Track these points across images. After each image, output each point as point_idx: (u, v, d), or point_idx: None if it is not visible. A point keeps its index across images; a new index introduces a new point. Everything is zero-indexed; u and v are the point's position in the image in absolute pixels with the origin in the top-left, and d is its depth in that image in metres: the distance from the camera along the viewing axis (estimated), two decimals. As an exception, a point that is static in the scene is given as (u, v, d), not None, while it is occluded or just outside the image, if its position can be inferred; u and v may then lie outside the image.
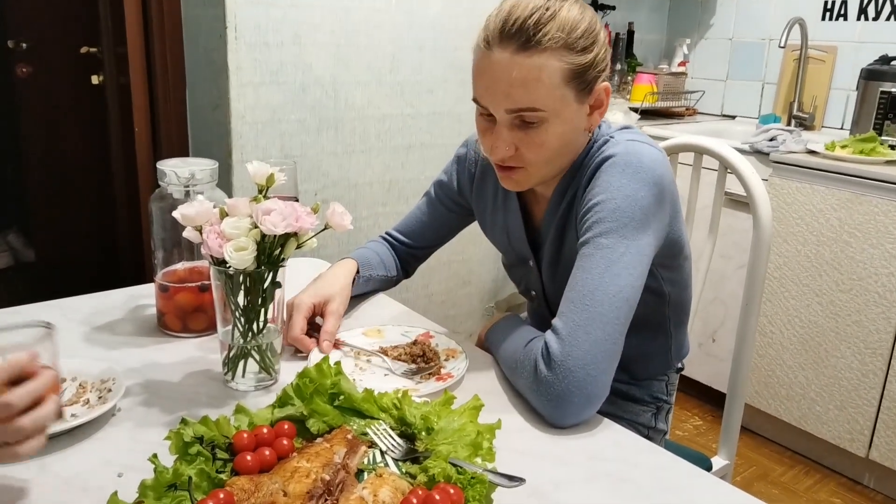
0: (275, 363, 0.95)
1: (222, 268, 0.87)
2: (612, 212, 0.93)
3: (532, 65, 0.90)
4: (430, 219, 1.26)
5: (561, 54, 0.91)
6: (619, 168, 0.96)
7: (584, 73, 0.93)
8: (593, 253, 0.92)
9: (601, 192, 0.95)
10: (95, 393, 0.88)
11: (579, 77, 0.93)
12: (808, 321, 2.16)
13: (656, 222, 0.96)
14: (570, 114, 0.95)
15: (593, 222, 0.94)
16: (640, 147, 0.97)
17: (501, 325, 1.06)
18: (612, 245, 0.92)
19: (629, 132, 1.03)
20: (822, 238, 2.09)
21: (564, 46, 0.91)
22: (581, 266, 0.93)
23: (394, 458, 0.76)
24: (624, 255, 0.92)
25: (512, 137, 0.95)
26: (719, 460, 1.34)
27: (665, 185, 0.97)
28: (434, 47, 2.24)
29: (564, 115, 0.95)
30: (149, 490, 0.64)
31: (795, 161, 2.13)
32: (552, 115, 0.93)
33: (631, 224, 0.93)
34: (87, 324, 1.11)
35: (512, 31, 0.90)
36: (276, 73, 1.97)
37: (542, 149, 0.96)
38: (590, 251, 0.93)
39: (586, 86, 0.95)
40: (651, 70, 2.95)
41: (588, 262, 0.92)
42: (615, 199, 0.94)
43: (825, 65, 2.65)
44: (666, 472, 0.81)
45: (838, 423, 2.13)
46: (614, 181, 0.95)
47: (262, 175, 0.91)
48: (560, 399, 0.86)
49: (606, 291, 0.90)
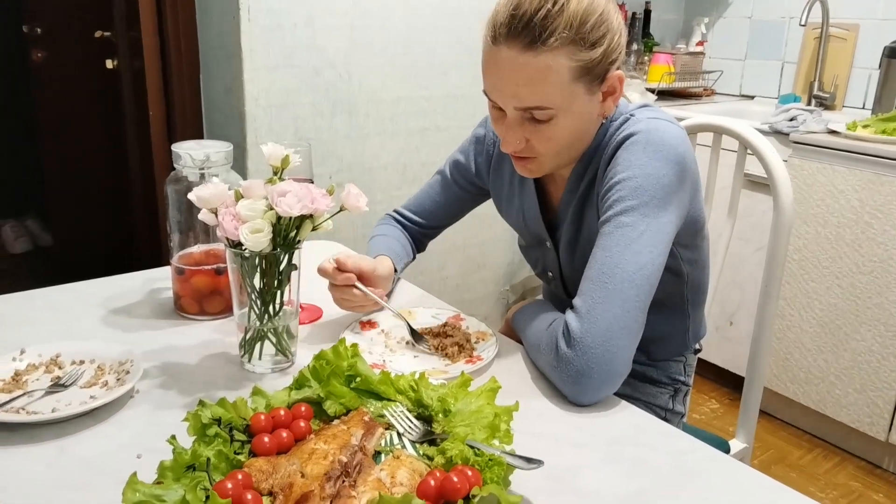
0: (291, 345, 0.95)
1: (238, 250, 0.87)
2: (633, 190, 0.92)
3: (539, 65, 0.88)
4: (443, 198, 1.25)
5: (569, 52, 0.89)
6: (640, 146, 0.94)
7: (593, 68, 0.92)
8: (614, 231, 0.92)
9: (623, 170, 0.94)
10: (114, 375, 0.89)
11: (589, 72, 0.91)
12: (828, 304, 2.13)
13: (677, 201, 0.95)
14: (581, 106, 0.94)
15: (614, 200, 0.93)
16: (662, 124, 0.96)
17: (528, 308, 1.06)
18: (632, 223, 0.91)
19: (649, 110, 1.01)
20: (842, 219, 2.06)
21: (572, 43, 0.88)
22: (601, 244, 0.92)
23: (411, 440, 0.75)
24: (644, 233, 0.91)
25: (522, 131, 0.95)
26: (737, 443, 1.33)
27: (687, 163, 0.95)
28: (448, 28, 2.22)
29: (574, 109, 0.93)
30: (168, 471, 0.64)
31: (816, 141, 2.10)
32: (561, 110, 0.92)
33: (652, 202, 0.92)
34: (104, 307, 1.11)
35: (519, 27, 0.88)
36: (290, 56, 1.96)
37: (552, 142, 0.95)
38: (610, 229, 0.92)
39: (598, 77, 0.93)
40: (668, 50, 2.91)
41: (608, 240, 0.92)
42: (637, 177, 0.93)
43: (847, 43, 2.60)
44: (684, 455, 0.80)
45: (858, 406, 2.11)
46: (636, 159, 0.94)
47: (277, 157, 0.90)
48: (580, 376, 0.86)
49: (626, 269, 0.89)
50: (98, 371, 0.90)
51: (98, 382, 0.87)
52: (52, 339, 0.97)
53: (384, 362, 0.96)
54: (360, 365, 0.81)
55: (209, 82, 2.09)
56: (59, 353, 0.92)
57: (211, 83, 2.08)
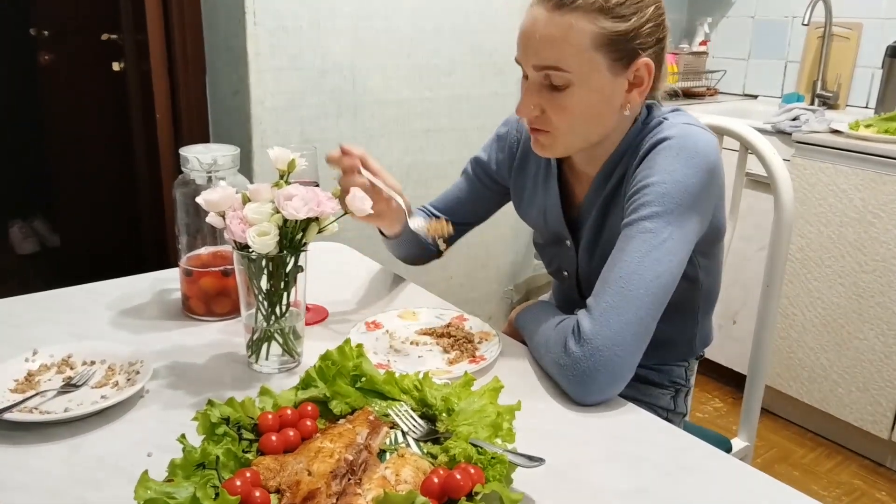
0: (298, 346, 0.97)
1: (245, 252, 0.88)
2: (660, 195, 0.92)
3: (562, 23, 0.90)
4: (466, 195, 1.25)
5: (594, 17, 0.90)
6: (673, 151, 0.94)
7: (618, 42, 0.92)
8: (636, 235, 0.92)
9: (652, 174, 0.94)
10: (124, 375, 0.90)
11: (613, 45, 0.92)
12: (831, 303, 2.14)
13: (703, 210, 0.95)
14: (600, 83, 0.94)
15: (640, 204, 0.93)
16: (696, 131, 0.96)
17: (532, 308, 1.07)
18: (655, 229, 0.91)
19: (683, 115, 1.01)
20: (845, 219, 2.07)
21: (599, 10, 0.90)
22: (622, 248, 0.92)
23: (415, 439, 0.77)
24: (667, 241, 0.91)
25: (539, 98, 0.96)
26: (739, 442, 1.34)
27: (716, 172, 0.96)
28: (452, 30, 2.23)
29: (593, 83, 0.94)
30: (178, 469, 0.65)
31: (819, 141, 2.10)
32: (578, 79, 0.93)
33: (678, 210, 0.92)
34: (113, 308, 1.13)
35: None
36: (295, 58, 1.97)
37: (565, 113, 0.95)
38: (632, 233, 0.92)
39: (622, 56, 0.93)
40: (671, 50, 2.91)
41: (629, 244, 0.92)
42: (665, 183, 0.93)
43: (850, 42, 2.60)
44: (685, 453, 0.81)
45: (860, 404, 2.11)
46: (667, 164, 0.94)
47: (283, 160, 0.92)
48: (585, 376, 0.86)
49: (644, 276, 0.89)
50: (109, 371, 0.91)
51: (109, 382, 0.89)
52: (63, 339, 0.99)
53: (389, 362, 0.97)
54: (366, 365, 0.83)
55: (215, 84, 2.10)
56: (71, 353, 0.94)
57: (217, 85, 2.10)
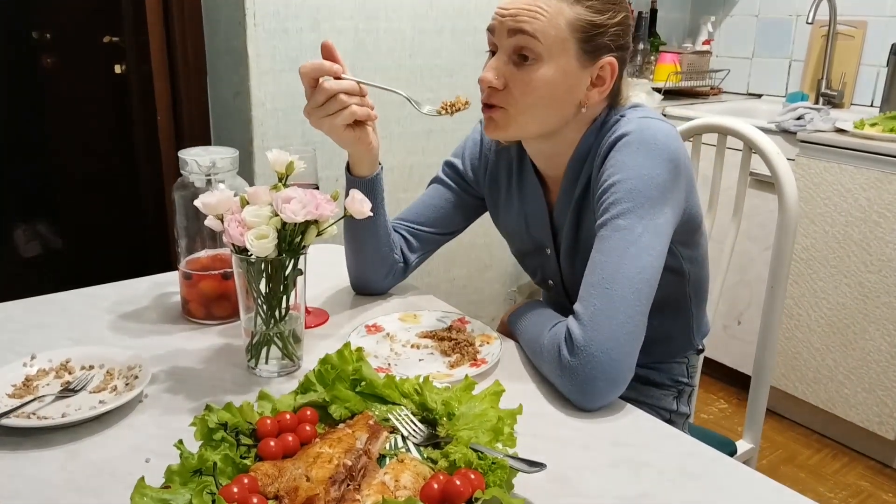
0: (297, 350, 0.96)
1: (244, 256, 0.87)
2: (628, 192, 0.92)
3: (544, 1, 0.93)
4: (442, 202, 1.20)
5: (572, 3, 0.93)
6: (633, 146, 0.94)
7: (591, 32, 0.94)
8: (611, 235, 0.92)
9: (616, 172, 0.94)
10: (122, 380, 0.90)
11: (585, 33, 0.94)
12: (836, 303, 2.13)
13: (673, 199, 0.95)
14: (566, 66, 0.95)
15: (610, 203, 0.93)
16: (653, 123, 0.96)
17: (524, 309, 1.05)
18: (629, 226, 0.91)
19: (640, 109, 1.01)
20: (850, 218, 2.06)
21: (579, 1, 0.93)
22: (599, 249, 0.92)
23: (415, 444, 0.76)
24: (642, 235, 0.91)
25: (505, 70, 0.96)
26: (744, 444, 1.33)
27: (680, 160, 0.95)
28: (454, 30, 2.23)
29: (560, 64, 0.94)
30: (175, 475, 0.65)
31: (823, 140, 2.09)
32: (548, 55, 0.94)
33: (648, 203, 0.92)
34: (113, 312, 1.12)
35: None
36: (296, 59, 1.97)
37: (527, 89, 0.95)
38: (608, 233, 0.92)
39: (591, 49, 0.95)
40: (675, 49, 2.91)
41: (606, 244, 0.92)
42: (631, 179, 0.93)
43: (854, 40, 2.59)
44: (688, 457, 0.80)
45: (866, 405, 2.10)
46: (629, 160, 0.94)
47: (281, 163, 0.91)
48: (585, 384, 0.86)
49: (626, 274, 0.89)
50: (107, 376, 0.91)
51: (107, 387, 0.89)
52: (62, 343, 0.99)
53: (389, 366, 0.96)
54: (365, 369, 0.82)
55: (216, 87, 2.10)
56: (69, 358, 0.93)
57: (218, 87, 2.09)
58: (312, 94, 0.97)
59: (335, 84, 0.96)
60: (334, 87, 0.96)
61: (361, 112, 1.00)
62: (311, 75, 0.96)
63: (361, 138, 1.04)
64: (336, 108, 0.97)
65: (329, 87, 0.96)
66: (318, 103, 0.97)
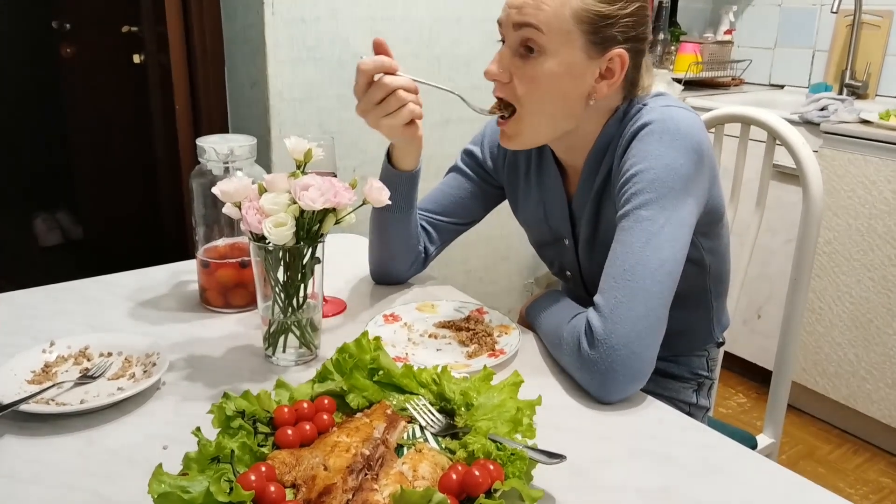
0: (315, 338, 0.95)
1: (262, 244, 0.87)
2: (650, 182, 0.90)
3: None
4: (461, 192, 1.19)
5: None
6: (656, 136, 0.92)
7: (598, 23, 0.91)
8: (633, 226, 0.90)
9: (639, 162, 0.92)
10: (140, 367, 0.90)
11: (592, 24, 0.91)
12: (859, 297, 2.09)
13: (696, 190, 0.93)
14: (572, 59, 0.92)
15: (632, 194, 0.91)
16: (677, 112, 0.94)
17: (543, 300, 1.04)
18: (652, 217, 0.89)
19: (663, 98, 0.99)
20: (874, 211, 2.02)
21: None
22: (621, 240, 0.91)
23: (433, 434, 0.75)
24: (665, 226, 0.89)
25: (510, 63, 0.95)
26: (765, 438, 1.32)
27: (704, 150, 0.93)
28: (472, 18, 2.21)
29: (565, 57, 0.92)
30: (193, 462, 0.64)
31: (847, 131, 2.05)
32: (552, 47, 0.91)
33: (671, 194, 0.90)
34: (131, 299, 1.13)
35: None
36: (313, 49, 1.96)
37: (532, 84, 0.94)
38: (629, 224, 0.90)
39: (599, 40, 0.92)
40: (696, 39, 2.87)
41: (628, 235, 0.90)
42: (654, 169, 0.91)
43: (880, 30, 2.54)
44: (710, 450, 0.79)
45: (889, 401, 2.07)
46: (652, 149, 0.92)
47: (300, 150, 0.90)
48: (605, 377, 0.85)
49: (648, 266, 0.87)
50: (125, 363, 0.91)
51: (125, 374, 0.89)
52: (80, 330, 0.99)
53: (407, 355, 0.96)
54: (383, 358, 0.81)
55: (234, 76, 2.10)
56: (88, 345, 0.93)
57: (235, 77, 2.09)
58: (368, 91, 0.95)
59: (395, 80, 0.95)
60: (395, 82, 0.94)
61: (419, 110, 0.99)
62: (372, 72, 0.94)
63: (414, 134, 1.04)
64: (395, 105, 0.95)
65: (389, 82, 0.94)
66: (376, 100, 0.95)
